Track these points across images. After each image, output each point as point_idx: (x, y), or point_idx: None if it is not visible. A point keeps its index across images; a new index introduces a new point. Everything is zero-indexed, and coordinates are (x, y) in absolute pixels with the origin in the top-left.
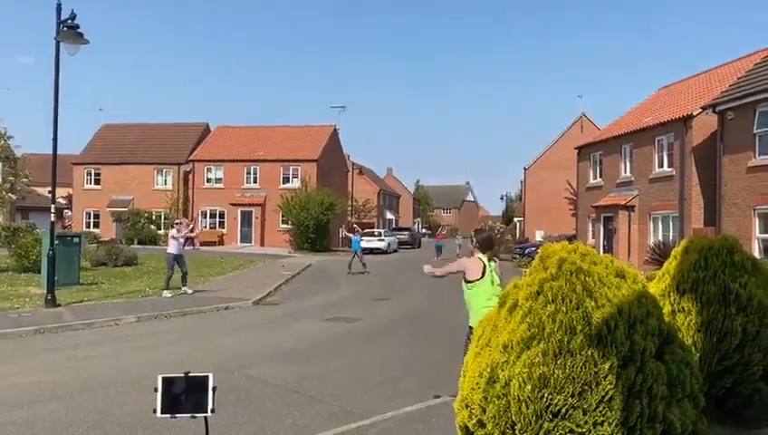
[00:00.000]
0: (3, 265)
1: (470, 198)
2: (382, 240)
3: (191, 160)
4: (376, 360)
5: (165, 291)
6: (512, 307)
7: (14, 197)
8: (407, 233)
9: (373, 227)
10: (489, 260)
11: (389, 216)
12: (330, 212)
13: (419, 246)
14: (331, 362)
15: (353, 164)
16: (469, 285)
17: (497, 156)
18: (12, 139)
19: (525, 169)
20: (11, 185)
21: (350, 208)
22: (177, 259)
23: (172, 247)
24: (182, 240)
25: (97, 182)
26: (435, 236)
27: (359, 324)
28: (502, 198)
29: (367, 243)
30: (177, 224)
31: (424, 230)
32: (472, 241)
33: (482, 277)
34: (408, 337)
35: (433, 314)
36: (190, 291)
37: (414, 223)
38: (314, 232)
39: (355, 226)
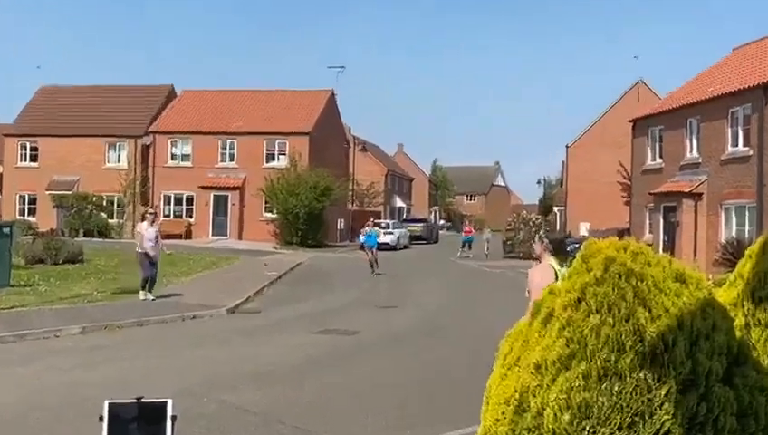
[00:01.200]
0: None
1: (500, 181)
2: (390, 233)
3: (151, 132)
4: (378, 382)
5: (140, 292)
6: (546, 318)
7: None
8: (421, 225)
9: (380, 218)
10: (560, 265)
11: (400, 203)
12: (325, 198)
13: (436, 241)
14: (324, 385)
15: (355, 139)
16: None
17: (533, 131)
18: None
19: (567, 148)
20: None
21: (350, 194)
22: (149, 259)
23: (146, 243)
24: (155, 234)
25: (33, 159)
26: (462, 230)
27: (358, 338)
28: (539, 183)
29: (367, 238)
30: (150, 214)
31: (442, 222)
32: (542, 242)
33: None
34: (419, 354)
35: (451, 325)
36: (152, 297)
37: (430, 212)
38: (305, 223)
39: (372, 219)
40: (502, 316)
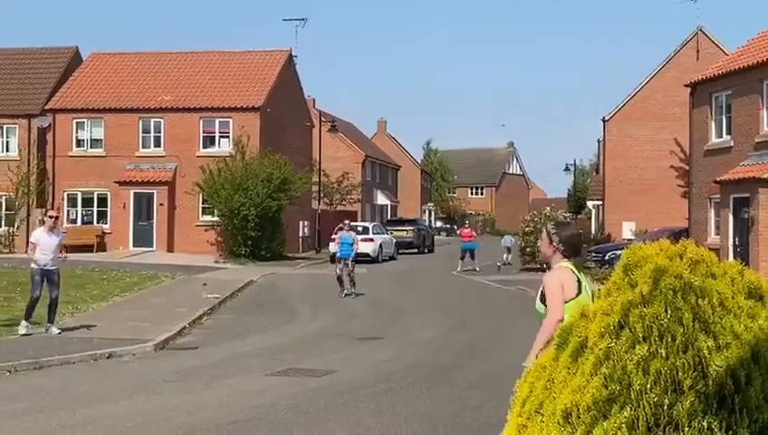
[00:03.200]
0: None
1: (515, 169)
2: (370, 240)
3: (50, 110)
4: None
5: (22, 324)
6: (577, 350)
7: None
8: (411, 228)
9: (355, 220)
10: (579, 271)
11: (382, 200)
12: (282, 194)
13: (431, 250)
14: None
15: (321, 115)
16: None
17: (557, 100)
18: None
19: (604, 122)
20: None
21: (317, 189)
22: (47, 276)
23: (39, 256)
24: (56, 244)
25: None
26: (459, 234)
27: (331, 381)
28: (567, 170)
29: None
30: (49, 218)
31: (439, 223)
32: (550, 238)
33: (577, 295)
34: (413, 403)
35: (456, 361)
36: (56, 331)
37: (423, 211)
38: (257, 228)
39: (347, 220)
40: (520, 350)
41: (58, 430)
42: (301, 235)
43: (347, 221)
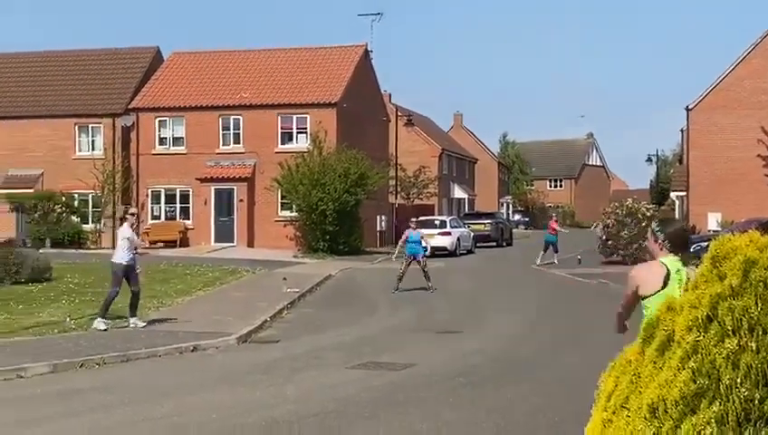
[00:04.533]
0: None
1: (594, 160)
2: (447, 234)
3: (133, 109)
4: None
5: (98, 320)
6: (664, 344)
7: None
8: (488, 221)
9: (433, 213)
10: (683, 265)
11: (459, 193)
12: (359, 189)
13: (510, 243)
14: None
15: (398, 110)
16: (644, 301)
17: (636, 91)
18: None
19: (688, 111)
20: None
21: (394, 183)
22: (128, 272)
23: (121, 253)
24: (134, 241)
25: None
26: (548, 227)
27: (411, 374)
28: (650, 161)
29: (424, 240)
30: (130, 215)
31: (518, 217)
32: (655, 237)
33: (662, 288)
34: (493, 397)
35: (536, 356)
36: (141, 324)
37: (501, 204)
38: (335, 223)
39: (413, 218)
40: (602, 344)
41: (145, 421)
42: (378, 229)
43: (414, 219)
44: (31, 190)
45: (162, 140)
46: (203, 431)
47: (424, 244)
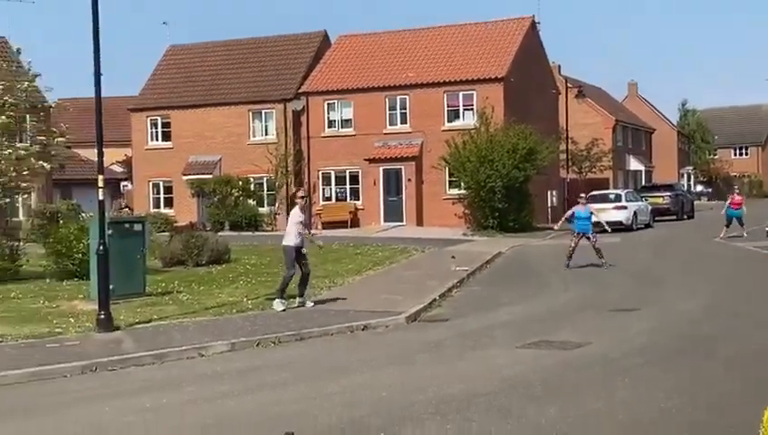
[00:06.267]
0: (37, 269)
1: None
2: (623, 208)
3: (303, 93)
4: (620, 421)
5: (277, 301)
6: None
7: (47, 166)
8: (667, 194)
9: (607, 187)
10: None
11: (635, 165)
12: (529, 164)
13: (691, 216)
14: (535, 423)
15: (567, 81)
16: None
17: None
18: (39, 78)
19: None
20: (43, 148)
21: (565, 157)
22: (300, 252)
23: (292, 236)
24: (303, 224)
25: (166, 137)
26: (729, 201)
27: (583, 353)
28: None
29: (595, 215)
30: (300, 199)
31: (700, 188)
32: None
33: None
34: (672, 377)
35: (717, 335)
36: (310, 304)
37: (681, 175)
38: (504, 199)
39: (582, 195)
40: None
41: (318, 398)
42: (549, 205)
43: (582, 195)
44: (210, 176)
45: (331, 123)
46: (374, 409)
47: (595, 219)
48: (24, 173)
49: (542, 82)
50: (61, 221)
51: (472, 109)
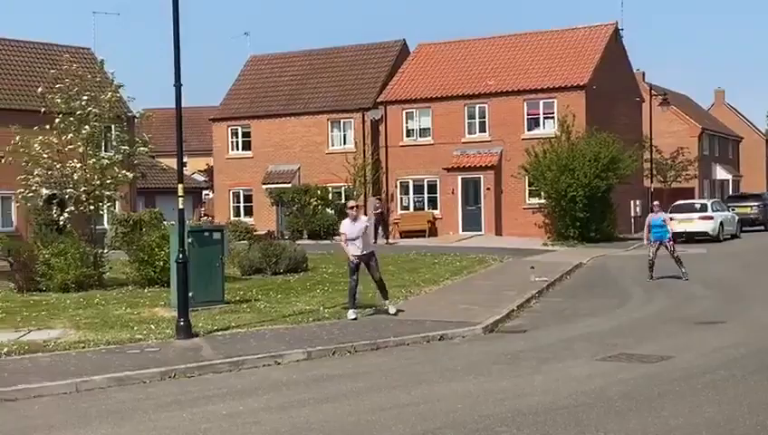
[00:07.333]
0: (120, 276)
1: None
2: (709, 218)
3: (382, 102)
4: (701, 433)
5: (350, 311)
6: None
7: (130, 175)
8: (755, 204)
9: (692, 196)
10: None
11: (722, 174)
12: (611, 173)
13: None
14: None
15: (651, 89)
16: None
17: None
18: (123, 88)
19: None
20: (127, 157)
21: (648, 166)
22: (363, 261)
23: (352, 247)
24: (359, 230)
25: (246, 146)
26: None
27: (665, 367)
28: None
29: (679, 224)
30: (349, 209)
31: None
32: None
33: None
34: (759, 392)
35: None
36: (393, 310)
37: None
38: (585, 209)
39: (655, 203)
40: None
41: (393, 409)
42: (632, 214)
43: (656, 202)
44: (289, 185)
45: (409, 132)
46: (448, 421)
47: (669, 228)
48: (108, 182)
49: (624, 89)
50: (143, 229)
51: (553, 117)
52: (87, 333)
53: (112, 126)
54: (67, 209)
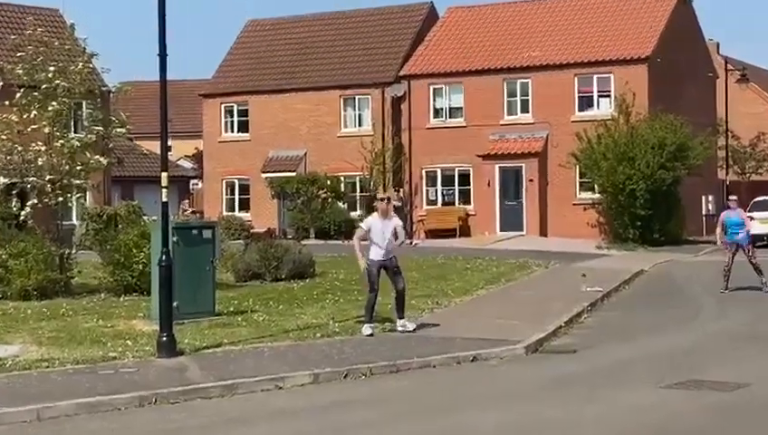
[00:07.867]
0: (91, 281)
1: None
2: None
3: (404, 77)
4: None
5: (365, 325)
6: None
7: (104, 161)
8: None
9: None
10: None
11: None
12: (679, 163)
13: None
14: None
15: (726, 62)
16: None
17: None
18: (96, 58)
19: None
20: (101, 139)
21: (722, 154)
22: (386, 268)
23: (374, 249)
24: (390, 231)
25: (243, 127)
26: None
27: (744, 397)
28: None
29: (760, 224)
30: (380, 201)
31: None
32: None
33: None
34: None
35: None
36: (411, 327)
37: None
38: (648, 205)
39: (732, 198)
40: None
41: None
42: (704, 212)
43: (733, 197)
44: (293, 174)
45: (437, 112)
46: None
47: (747, 227)
48: (78, 169)
49: (695, 63)
50: (119, 226)
51: (609, 95)
52: (51, 349)
53: (84, 102)
54: (29, 202)
